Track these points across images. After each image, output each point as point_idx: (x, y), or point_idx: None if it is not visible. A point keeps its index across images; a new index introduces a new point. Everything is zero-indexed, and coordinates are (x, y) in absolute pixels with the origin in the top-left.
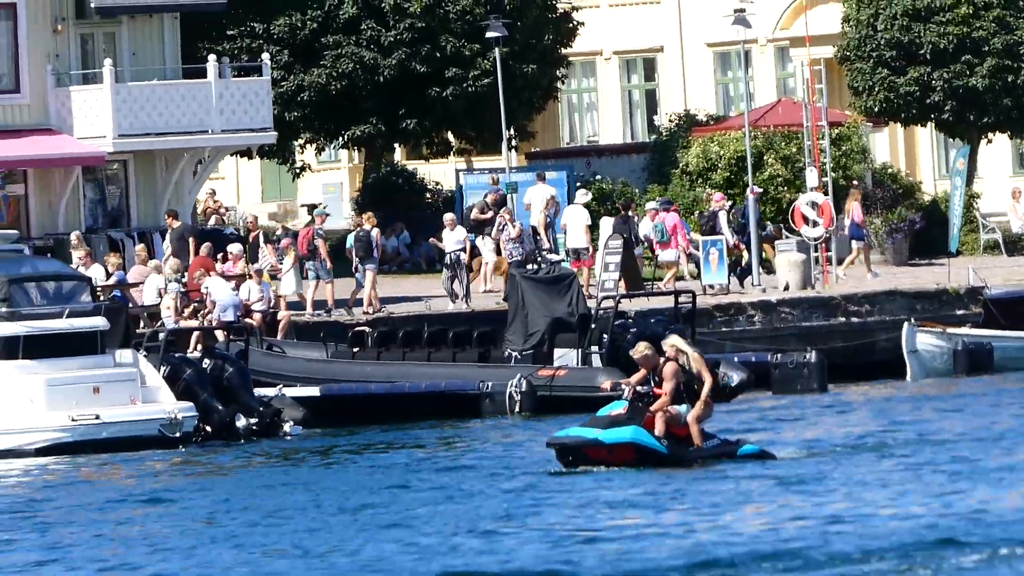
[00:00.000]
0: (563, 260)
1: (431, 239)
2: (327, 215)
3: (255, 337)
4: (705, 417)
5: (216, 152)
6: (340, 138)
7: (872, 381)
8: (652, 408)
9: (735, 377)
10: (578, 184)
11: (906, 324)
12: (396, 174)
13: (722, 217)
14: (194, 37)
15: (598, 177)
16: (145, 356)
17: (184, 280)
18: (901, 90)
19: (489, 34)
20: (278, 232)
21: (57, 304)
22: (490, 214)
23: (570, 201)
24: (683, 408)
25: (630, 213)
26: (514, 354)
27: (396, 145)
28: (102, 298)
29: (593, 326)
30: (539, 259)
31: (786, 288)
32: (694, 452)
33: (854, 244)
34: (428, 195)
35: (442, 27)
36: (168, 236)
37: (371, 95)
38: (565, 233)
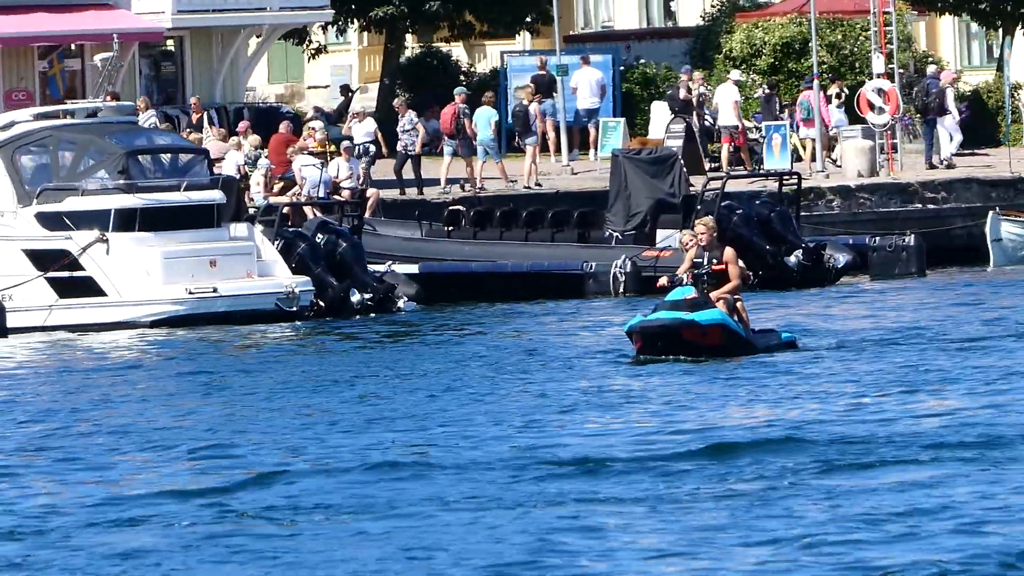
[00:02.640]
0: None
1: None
2: (468, 93)
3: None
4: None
5: (272, 30)
6: (360, 20)
7: (955, 266)
8: (720, 291)
9: (841, 259)
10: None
11: (991, 213)
12: (431, 56)
13: (950, 95)
14: None
15: (642, 61)
16: (262, 230)
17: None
18: None
19: None
20: (309, 113)
21: (173, 177)
22: (685, 94)
23: (614, 85)
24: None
25: (774, 93)
26: (615, 235)
27: (405, 30)
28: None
29: (699, 207)
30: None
31: (859, 175)
32: (759, 339)
33: None
34: (463, 78)
35: None
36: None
37: None
38: (716, 111)
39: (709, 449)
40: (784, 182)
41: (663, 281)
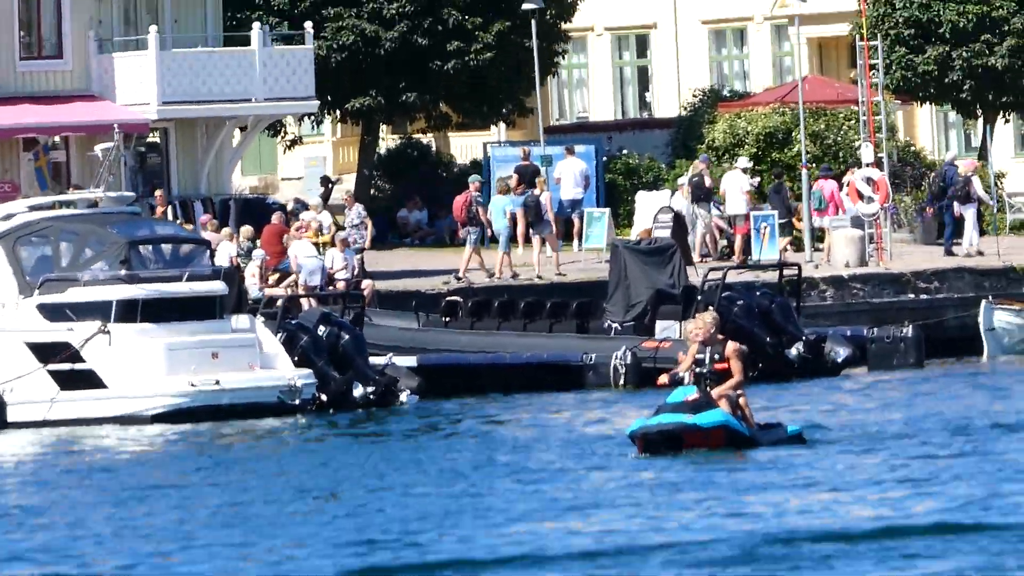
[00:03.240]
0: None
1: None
2: (482, 182)
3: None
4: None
5: (258, 121)
6: (337, 111)
7: (949, 358)
8: (722, 389)
9: (842, 352)
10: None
11: (983, 302)
12: (411, 147)
13: (977, 184)
14: None
15: (624, 152)
16: (263, 322)
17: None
18: (919, 69)
19: (525, 6)
20: (291, 206)
21: (175, 267)
22: (709, 182)
23: (597, 175)
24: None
25: (783, 181)
26: (614, 326)
27: (382, 121)
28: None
29: (699, 298)
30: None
31: (846, 265)
32: (764, 435)
33: None
34: (442, 169)
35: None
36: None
37: (371, 68)
38: (724, 199)
39: (731, 547)
40: (784, 273)
41: (663, 379)
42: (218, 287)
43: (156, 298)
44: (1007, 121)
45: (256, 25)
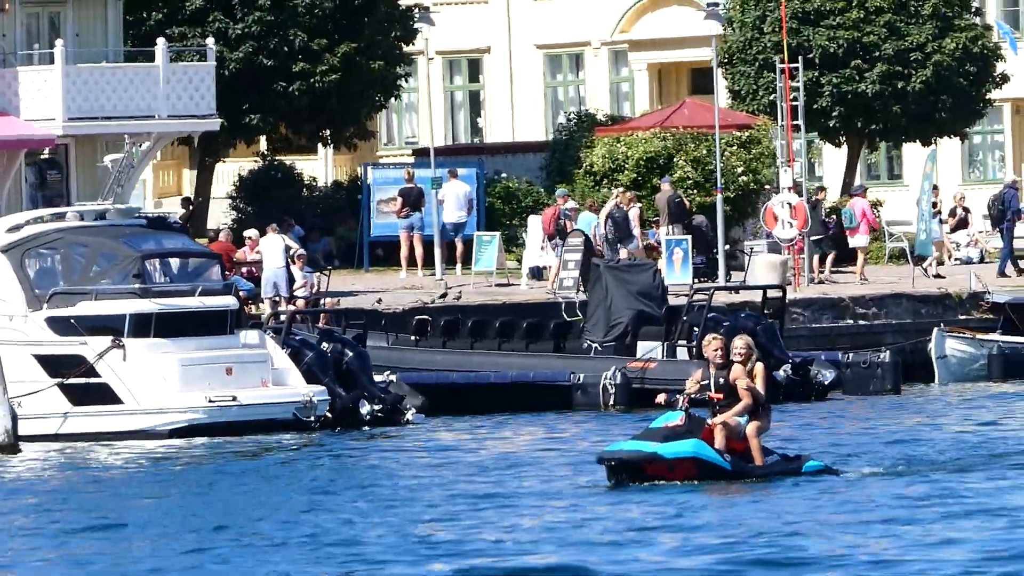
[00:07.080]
0: None
1: None
2: (569, 196)
3: (305, 324)
4: (764, 430)
5: (159, 138)
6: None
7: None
8: (724, 416)
9: (828, 375)
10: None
11: (936, 330)
12: (274, 168)
13: None
14: None
15: (503, 175)
16: (272, 338)
17: None
18: None
19: (418, 25)
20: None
21: (184, 281)
22: (687, 203)
23: (479, 199)
24: (742, 420)
25: (821, 199)
26: (594, 345)
27: (223, 143)
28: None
29: (685, 318)
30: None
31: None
32: (757, 469)
33: None
34: (306, 191)
35: (291, 21)
36: None
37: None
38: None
39: None
40: (767, 296)
41: (661, 399)
42: (231, 302)
43: (170, 313)
44: (872, 150)
45: (160, 41)
